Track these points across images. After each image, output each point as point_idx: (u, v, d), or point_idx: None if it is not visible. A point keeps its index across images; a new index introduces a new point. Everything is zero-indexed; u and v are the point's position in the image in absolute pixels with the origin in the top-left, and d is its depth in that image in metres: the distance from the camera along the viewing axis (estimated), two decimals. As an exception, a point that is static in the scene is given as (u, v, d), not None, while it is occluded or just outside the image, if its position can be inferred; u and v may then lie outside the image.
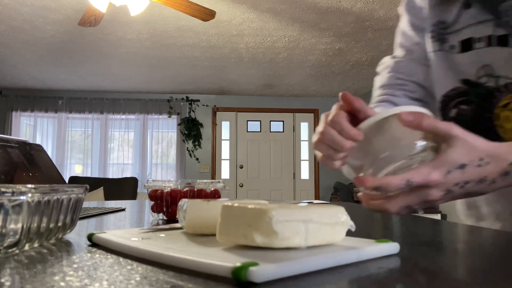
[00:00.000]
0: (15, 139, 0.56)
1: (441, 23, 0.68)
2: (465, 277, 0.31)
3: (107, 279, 0.29)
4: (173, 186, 0.73)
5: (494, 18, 0.61)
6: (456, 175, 0.41)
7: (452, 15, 0.66)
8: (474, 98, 0.65)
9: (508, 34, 0.59)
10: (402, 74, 0.77)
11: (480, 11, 0.62)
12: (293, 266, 0.30)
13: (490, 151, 0.42)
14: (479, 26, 0.62)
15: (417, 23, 0.75)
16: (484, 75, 0.63)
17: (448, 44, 0.67)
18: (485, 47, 0.62)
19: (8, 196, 0.35)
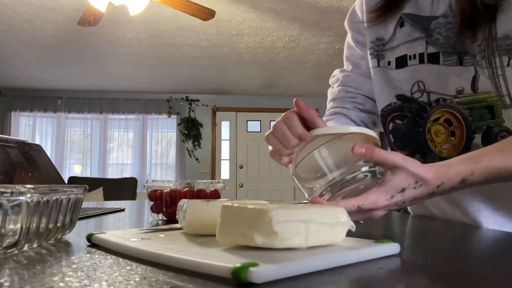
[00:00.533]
0: (14, 139, 0.56)
1: (379, 40, 0.71)
2: (465, 277, 0.31)
3: (106, 279, 0.28)
4: (173, 186, 0.73)
5: (426, 36, 0.64)
6: (398, 198, 0.47)
7: (389, 32, 0.70)
8: (408, 113, 0.69)
9: (438, 52, 0.63)
10: (351, 87, 0.81)
11: (413, 29, 0.66)
12: (293, 267, 0.30)
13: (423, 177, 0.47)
14: (413, 43, 0.66)
15: (360, 39, 0.79)
16: (417, 91, 0.67)
17: (385, 61, 0.71)
18: (418, 64, 0.66)
19: (7, 196, 0.34)
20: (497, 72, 0.58)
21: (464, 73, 0.61)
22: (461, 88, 0.62)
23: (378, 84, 0.73)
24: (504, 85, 0.58)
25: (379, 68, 0.72)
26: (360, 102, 0.81)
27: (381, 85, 0.72)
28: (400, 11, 0.68)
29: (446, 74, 0.63)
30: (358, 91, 0.81)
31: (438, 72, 0.64)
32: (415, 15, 0.66)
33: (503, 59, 0.57)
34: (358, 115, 0.81)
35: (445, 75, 0.63)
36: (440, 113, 0.65)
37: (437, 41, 0.63)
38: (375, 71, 0.73)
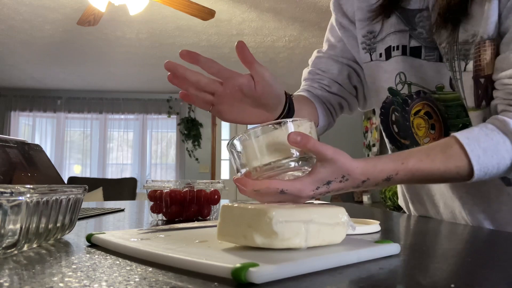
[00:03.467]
0: (14, 139, 0.56)
1: (370, 33, 0.72)
2: (465, 277, 0.31)
3: (106, 280, 0.28)
4: (173, 187, 0.73)
5: (410, 29, 0.65)
6: (323, 189, 0.48)
7: (378, 24, 0.70)
8: (397, 107, 0.70)
9: (420, 46, 0.64)
10: (320, 70, 0.82)
11: (398, 21, 0.67)
12: (293, 267, 0.30)
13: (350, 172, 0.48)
14: (397, 35, 0.67)
15: (344, 22, 0.79)
16: (399, 82, 0.68)
17: (377, 53, 0.71)
18: (401, 55, 0.66)
19: (6, 196, 0.34)
20: (457, 76, 0.60)
21: (442, 70, 0.62)
22: (441, 84, 0.63)
23: (373, 78, 0.74)
24: (461, 89, 0.60)
25: (372, 62, 0.72)
26: (326, 84, 0.81)
27: (376, 79, 0.73)
28: None
29: (426, 68, 0.64)
30: (325, 74, 0.82)
31: (419, 66, 0.65)
32: (401, 8, 0.66)
33: (461, 64, 0.59)
34: (323, 95, 0.81)
35: (425, 69, 0.64)
36: (420, 105, 0.66)
37: (420, 35, 0.64)
38: (367, 66, 0.74)
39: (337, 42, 0.82)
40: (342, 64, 0.81)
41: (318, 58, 0.84)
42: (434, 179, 0.52)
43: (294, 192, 0.47)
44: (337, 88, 0.81)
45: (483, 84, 0.58)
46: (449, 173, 0.51)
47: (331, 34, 0.83)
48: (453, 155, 0.51)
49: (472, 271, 0.34)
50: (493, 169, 0.51)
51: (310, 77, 0.83)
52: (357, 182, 0.49)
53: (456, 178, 0.52)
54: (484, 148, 0.50)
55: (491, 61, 0.56)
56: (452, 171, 0.51)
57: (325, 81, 0.81)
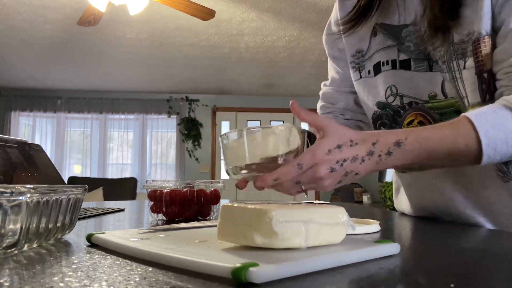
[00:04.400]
0: (14, 139, 0.56)
1: (358, 52, 0.76)
2: (465, 277, 0.31)
3: (106, 279, 0.28)
4: (173, 187, 0.73)
5: (398, 44, 0.68)
6: (336, 154, 0.50)
7: (366, 43, 0.74)
8: (386, 120, 0.73)
9: (409, 59, 0.66)
10: (329, 103, 0.91)
11: (385, 38, 0.70)
12: (293, 267, 0.30)
13: (358, 136, 0.52)
14: (386, 50, 0.70)
15: (336, 54, 0.85)
16: (390, 95, 0.70)
17: (366, 70, 0.75)
18: (391, 70, 0.69)
19: (7, 196, 0.34)
20: (456, 75, 0.61)
21: (434, 79, 0.64)
22: (433, 93, 0.65)
23: (362, 94, 0.78)
24: (462, 88, 0.61)
25: (362, 79, 0.76)
26: (340, 113, 0.89)
27: (365, 95, 0.77)
28: (371, 21, 0.72)
29: (417, 79, 0.66)
30: (335, 106, 0.90)
31: (410, 77, 0.67)
32: (386, 25, 0.70)
33: (459, 62, 0.60)
34: (340, 122, 0.88)
35: (417, 80, 0.66)
36: (413, 116, 0.68)
37: (408, 49, 0.67)
38: (358, 83, 0.78)
39: (336, 74, 0.88)
40: (346, 93, 0.87)
41: (324, 94, 0.91)
42: (444, 153, 0.52)
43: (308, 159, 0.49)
44: (350, 115, 0.88)
45: (486, 78, 0.59)
46: (458, 147, 0.51)
47: (330, 67, 0.90)
48: (461, 128, 0.51)
49: (472, 271, 0.34)
50: (502, 145, 0.51)
51: (323, 111, 0.91)
52: (368, 145, 0.51)
53: (466, 155, 0.52)
54: (492, 124, 0.51)
55: (490, 55, 0.58)
56: (461, 144, 0.51)
57: (337, 112, 0.89)
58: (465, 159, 0.53)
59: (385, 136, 0.52)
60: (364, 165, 0.51)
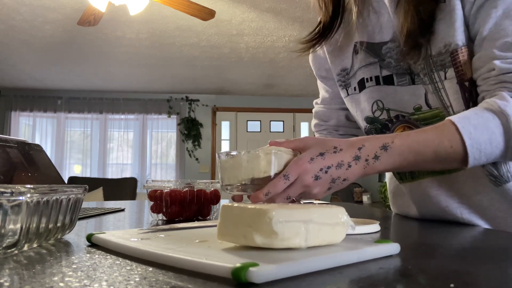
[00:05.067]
0: (14, 139, 0.56)
1: (343, 70, 0.78)
2: (465, 277, 0.31)
3: (106, 279, 0.28)
4: (173, 187, 0.73)
5: (379, 60, 0.69)
6: (318, 162, 0.51)
7: (349, 61, 0.76)
8: (375, 133, 0.74)
9: (392, 74, 0.68)
10: (322, 120, 0.94)
11: (367, 55, 0.71)
12: (293, 267, 0.30)
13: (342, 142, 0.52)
14: (368, 67, 0.71)
15: (322, 74, 0.88)
16: (377, 109, 0.72)
17: (352, 87, 0.77)
18: (375, 85, 0.71)
19: (7, 196, 0.34)
20: (438, 86, 0.63)
21: (417, 91, 0.66)
22: (418, 105, 0.67)
23: (352, 110, 0.80)
24: (446, 97, 0.63)
25: (349, 96, 0.78)
26: (333, 129, 0.92)
27: (354, 111, 0.79)
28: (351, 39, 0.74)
29: (401, 93, 0.68)
30: (327, 123, 0.93)
31: (394, 92, 0.69)
32: (367, 42, 0.72)
33: (440, 74, 0.62)
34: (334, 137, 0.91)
35: (401, 94, 0.68)
36: (401, 128, 0.70)
37: (390, 65, 0.69)
38: (346, 100, 0.80)
39: (326, 93, 0.91)
40: (336, 110, 0.90)
41: (316, 112, 0.94)
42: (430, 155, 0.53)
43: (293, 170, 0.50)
44: (343, 130, 0.91)
45: (468, 86, 0.61)
46: (444, 148, 0.52)
47: (319, 86, 0.92)
48: (446, 131, 0.53)
49: (472, 271, 0.34)
50: (486, 146, 0.52)
51: (317, 128, 0.95)
52: (353, 150, 0.52)
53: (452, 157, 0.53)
54: (475, 125, 0.52)
55: (469, 64, 0.60)
56: (446, 146, 0.52)
57: (331, 128, 0.92)
58: (452, 161, 0.53)
59: (371, 141, 0.53)
60: (351, 171, 0.52)
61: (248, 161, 0.53)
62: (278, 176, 0.51)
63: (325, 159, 0.51)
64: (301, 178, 0.51)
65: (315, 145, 0.52)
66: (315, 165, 0.50)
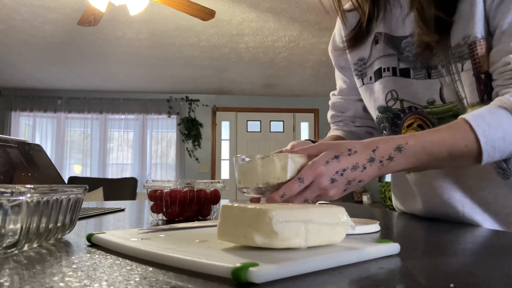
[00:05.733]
0: (14, 139, 0.56)
1: (360, 60, 0.79)
2: (465, 277, 0.31)
3: (106, 279, 0.28)
4: (173, 186, 0.73)
5: (398, 53, 0.70)
6: (334, 165, 0.51)
7: (367, 51, 0.77)
8: (386, 122, 0.75)
9: (409, 68, 0.69)
10: (339, 112, 0.94)
11: (386, 47, 0.72)
12: (293, 267, 0.30)
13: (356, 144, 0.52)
14: (386, 58, 0.72)
15: (342, 64, 0.88)
16: (391, 99, 0.73)
17: (368, 77, 0.78)
18: (391, 76, 0.72)
19: (7, 196, 0.34)
20: (455, 78, 0.64)
21: (432, 86, 0.67)
22: (432, 99, 0.68)
23: (366, 100, 0.81)
24: (461, 89, 0.64)
25: (364, 86, 0.79)
26: (350, 121, 0.93)
27: (368, 101, 0.80)
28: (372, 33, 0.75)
29: (416, 86, 0.69)
30: (345, 114, 0.93)
31: (409, 84, 0.70)
32: (388, 35, 0.72)
33: (457, 65, 0.63)
34: (351, 129, 0.92)
35: (416, 87, 0.69)
36: (413, 119, 0.71)
37: (407, 58, 0.69)
38: (361, 90, 0.81)
39: (343, 83, 0.91)
40: (354, 101, 0.90)
41: (334, 103, 0.94)
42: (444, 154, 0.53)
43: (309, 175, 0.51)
44: (360, 122, 0.92)
45: (484, 79, 0.61)
46: (458, 147, 0.52)
47: (337, 77, 0.93)
48: (460, 129, 0.53)
49: (472, 271, 0.34)
50: (500, 143, 0.52)
51: (334, 120, 0.95)
52: (368, 152, 0.52)
53: (467, 155, 0.53)
54: (489, 123, 0.52)
55: (486, 57, 0.60)
56: (460, 145, 0.52)
57: (347, 120, 0.93)
58: (466, 159, 0.54)
59: (385, 142, 0.53)
60: (366, 172, 0.52)
61: (263, 166, 0.54)
62: (293, 179, 0.51)
63: (340, 161, 0.51)
64: (317, 181, 0.51)
65: (329, 148, 0.53)
66: (331, 168, 0.51)
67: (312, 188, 0.52)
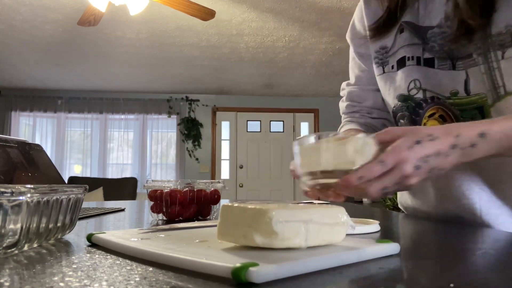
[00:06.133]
0: (14, 139, 0.56)
1: (382, 48, 0.77)
2: (465, 277, 0.31)
3: (106, 279, 0.29)
4: (173, 186, 0.73)
5: (423, 43, 0.69)
6: (417, 150, 0.47)
7: (390, 40, 0.75)
8: (406, 111, 0.74)
9: (433, 58, 0.68)
10: (355, 102, 0.90)
11: (411, 36, 0.71)
12: (293, 267, 0.30)
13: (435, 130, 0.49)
14: (411, 47, 0.71)
15: (362, 52, 0.86)
16: (413, 88, 0.72)
17: (389, 66, 0.76)
18: (415, 65, 0.71)
19: (7, 196, 0.35)
20: (492, 66, 0.63)
21: (457, 77, 0.66)
22: (455, 90, 0.67)
23: (383, 89, 0.79)
24: (499, 77, 0.62)
25: (385, 74, 0.77)
26: (366, 112, 0.89)
27: (387, 89, 0.78)
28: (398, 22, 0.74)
29: (440, 76, 0.68)
30: (362, 105, 0.89)
31: (433, 74, 0.69)
32: (414, 24, 0.71)
33: (497, 53, 0.62)
34: (367, 121, 0.89)
35: (439, 77, 0.68)
36: (435, 109, 0.70)
37: (433, 48, 0.69)
38: (380, 78, 0.79)
39: (361, 72, 0.88)
40: (373, 91, 0.87)
41: (350, 93, 0.90)
42: None
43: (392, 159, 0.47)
44: (377, 113, 0.88)
45: None
46: None
47: (355, 65, 0.89)
48: None
49: (472, 271, 0.34)
50: None
51: (349, 110, 0.91)
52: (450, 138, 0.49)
53: None
54: None
55: None
56: None
57: (364, 111, 0.89)
58: None
59: (467, 128, 0.51)
60: (449, 160, 0.50)
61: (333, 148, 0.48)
62: (373, 161, 0.47)
63: (423, 147, 0.48)
64: (399, 166, 0.47)
65: (406, 133, 0.49)
66: (414, 153, 0.47)
67: (393, 174, 0.47)
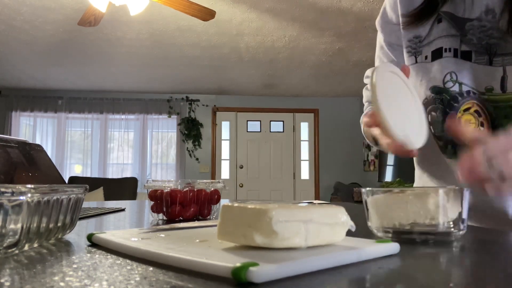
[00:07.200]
0: (15, 139, 0.56)
1: (416, 37, 0.76)
2: (465, 278, 0.31)
3: (106, 279, 0.29)
4: (173, 186, 0.73)
5: (461, 35, 0.69)
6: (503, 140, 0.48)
7: (426, 29, 0.74)
8: (439, 104, 0.72)
9: (471, 51, 0.68)
10: None
11: (450, 26, 0.70)
12: (293, 266, 0.30)
13: None
14: (449, 38, 0.70)
15: (392, 41, 0.84)
16: (449, 80, 0.70)
17: (423, 56, 0.74)
18: (452, 57, 0.70)
19: (7, 196, 0.35)
20: None
21: (493, 73, 0.65)
22: (490, 86, 0.66)
23: (416, 79, 0.77)
24: None
25: (417, 64, 0.75)
26: None
27: (418, 80, 0.76)
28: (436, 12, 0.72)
29: (476, 71, 0.68)
30: None
31: (469, 68, 0.68)
32: (452, 14, 0.70)
33: None
34: None
35: (476, 72, 0.68)
36: (470, 103, 0.69)
37: (471, 41, 0.68)
38: (412, 68, 0.76)
39: (389, 62, 0.86)
40: None
41: None
42: None
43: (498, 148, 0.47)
44: None
45: None
46: None
47: (383, 54, 0.87)
48: None
49: (472, 271, 0.34)
50: None
51: None
52: None
53: None
54: None
55: None
56: None
57: None
58: None
59: None
60: None
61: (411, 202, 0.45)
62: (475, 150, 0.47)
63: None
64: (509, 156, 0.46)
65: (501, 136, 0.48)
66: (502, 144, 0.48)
67: None
